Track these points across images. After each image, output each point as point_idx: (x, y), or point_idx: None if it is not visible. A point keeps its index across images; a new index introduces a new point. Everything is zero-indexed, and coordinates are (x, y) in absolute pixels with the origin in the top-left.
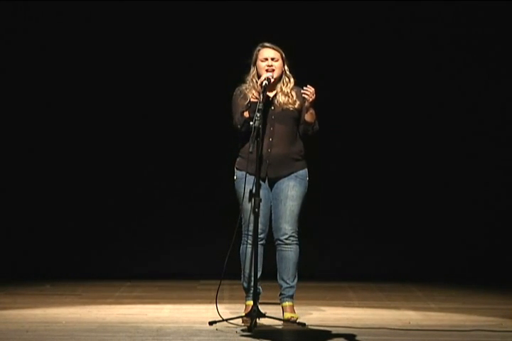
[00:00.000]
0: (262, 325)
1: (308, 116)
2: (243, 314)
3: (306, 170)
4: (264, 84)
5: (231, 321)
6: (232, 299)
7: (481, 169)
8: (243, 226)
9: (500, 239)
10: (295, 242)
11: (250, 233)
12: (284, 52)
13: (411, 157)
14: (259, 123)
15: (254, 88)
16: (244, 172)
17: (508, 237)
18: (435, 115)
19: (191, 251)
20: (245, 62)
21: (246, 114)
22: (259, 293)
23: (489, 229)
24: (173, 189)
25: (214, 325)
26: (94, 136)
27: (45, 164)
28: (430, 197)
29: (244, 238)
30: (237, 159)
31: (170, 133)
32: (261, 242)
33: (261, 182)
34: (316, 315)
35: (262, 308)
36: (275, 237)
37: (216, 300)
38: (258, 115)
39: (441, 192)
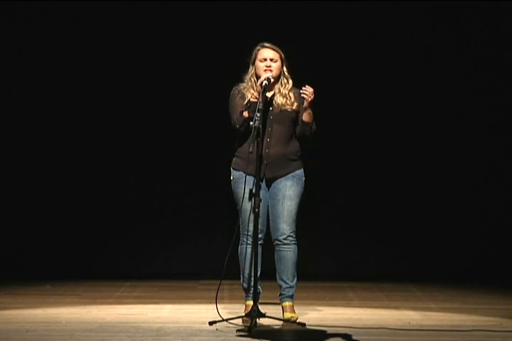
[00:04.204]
0: (262, 325)
1: (306, 117)
2: (243, 314)
3: (303, 170)
4: (264, 84)
5: (231, 321)
6: (232, 299)
7: (482, 170)
8: (241, 226)
9: (500, 239)
10: (293, 242)
11: (249, 233)
12: (283, 52)
13: (411, 157)
14: (260, 123)
15: (252, 87)
16: (241, 173)
17: (508, 237)
18: (434, 116)
19: (191, 251)
20: (244, 62)
21: (246, 114)
22: (259, 293)
23: (489, 229)
24: (173, 189)
25: (214, 325)
26: (94, 137)
27: (45, 164)
28: (430, 197)
29: (242, 238)
30: (234, 159)
31: (168, 133)
32: (259, 242)
33: (259, 182)
34: (316, 315)
35: (262, 308)
36: (273, 237)
37: (216, 300)
38: (258, 115)
39: (441, 192)
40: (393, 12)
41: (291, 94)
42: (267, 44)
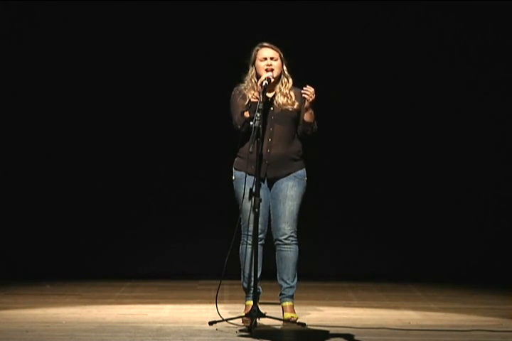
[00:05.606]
0: (262, 325)
1: (308, 116)
2: (243, 314)
3: (304, 170)
4: (264, 84)
5: (231, 321)
6: (232, 299)
7: (482, 170)
8: (242, 226)
9: (500, 239)
10: (294, 242)
11: (250, 233)
12: (282, 52)
13: (411, 156)
14: (260, 123)
15: (253, 88)
16: (243, 173)
17: (508, 237)
18: (435, 117)
19: (191, 251)
20: (244, 62)
21: (246, 114)
22: (259, 293)
23: (489, 229)
24: (172, 189)
25: (214, 325)
26: (94, 138)
27: (46, 165)
28: (430, 197)
29: (243, 238)
30: (236, 159)
31: (168, 133)
32: (260, 242)
33: (260, 182)
34: (316, 315)
35: (262, 308)
36: (274, 237)
37: (216, 300)
38: (258, 115)
39: (441, 192)
40: (393, 12)
41: (291, 94)
42: (266, 43)
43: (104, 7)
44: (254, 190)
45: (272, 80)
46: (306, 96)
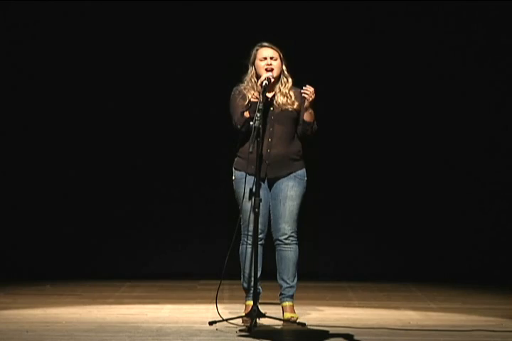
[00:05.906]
0: (262, 325)
1: (308, 116)
2: (243, 314)
3: (305, 170)
4: (264, 84)
5: (231, 321)
6: (232, 299)
7: (482, 169)
8: (242, 226)
9: (500, 239)
10: (294, 242)
11: (250, 233)
12: (282, 52)
13: (411, 156)
14: (260, 123)
15: (253, 88)
16: (243, 173)
17: (508, 237)
18: (435, 117)
19: (191, 251)
20: (244, 63)
21: (246, 114)
22: (259, 293)
23: (489, 229)
24: (173, 189)
25: (214, 325)
26: (94, 137)
27: (46, 165)
28: (430, 197)
29: (243, 238)
30: (236, 159)
31: (169, 133)
32: (260, 242)
33: (260, 182)
34: (316, 315)
35: (262, 308)
36: (274, 237)
37: (216, 300)
38: (258, 115)
39: (441, 191)
40: (393, 12)
41: (291, 93)
42: (265, 43)
43: (104, 7)
44: (254, 190)
45: (272, 80)
46: (305, 95)
